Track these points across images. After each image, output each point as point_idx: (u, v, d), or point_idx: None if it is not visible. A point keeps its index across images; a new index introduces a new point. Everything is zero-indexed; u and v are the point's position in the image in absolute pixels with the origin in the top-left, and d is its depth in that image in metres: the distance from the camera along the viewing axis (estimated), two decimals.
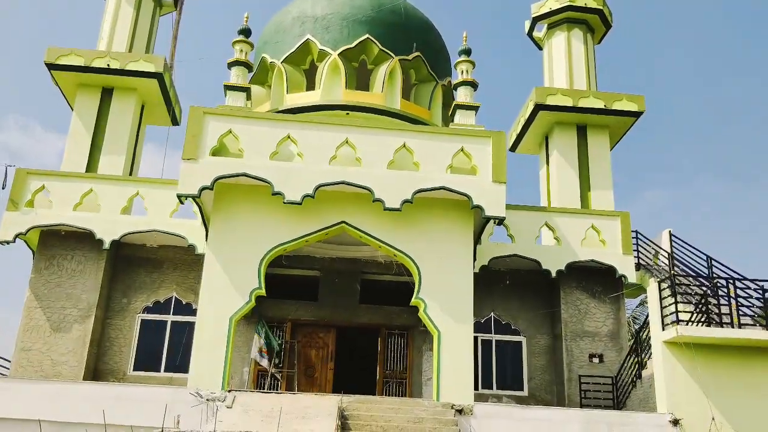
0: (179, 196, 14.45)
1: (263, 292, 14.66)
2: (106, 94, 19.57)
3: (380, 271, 18.76)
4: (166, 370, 17.54)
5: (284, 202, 14.42)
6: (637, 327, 23.59)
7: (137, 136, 19.98)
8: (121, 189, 17.71)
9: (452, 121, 19.47)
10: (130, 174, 19.50)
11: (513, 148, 21.98)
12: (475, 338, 17.44)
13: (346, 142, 15.00)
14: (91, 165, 18.86)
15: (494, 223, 15.31)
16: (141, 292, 18.16)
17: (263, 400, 13.06)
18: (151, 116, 20.85)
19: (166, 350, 17.73)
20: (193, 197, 14.48)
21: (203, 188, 14.37)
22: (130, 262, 18.34)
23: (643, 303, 26.89)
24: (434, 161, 15.00)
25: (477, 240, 16.84)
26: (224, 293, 14.38)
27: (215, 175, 14.40)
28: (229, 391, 13.57)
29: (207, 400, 13.39)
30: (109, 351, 17.68)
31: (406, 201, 14.63)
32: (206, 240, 15.16)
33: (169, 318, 17.98)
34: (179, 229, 17.40)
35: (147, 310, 18.05)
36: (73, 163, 18.69)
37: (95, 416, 12.49)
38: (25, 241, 18.09)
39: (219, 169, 14.48)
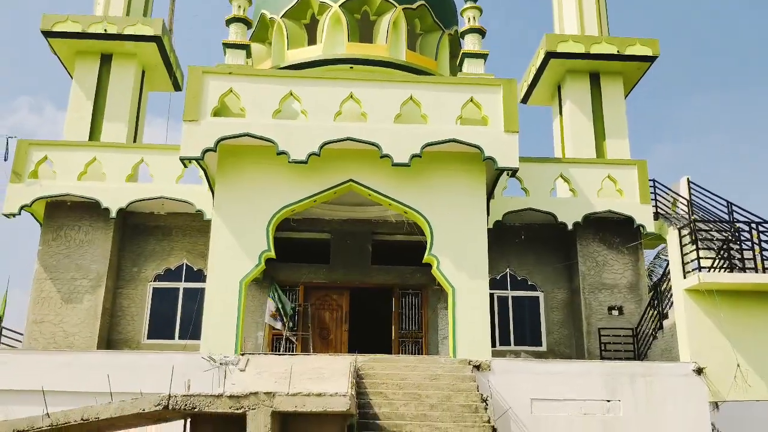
0: (182, 159, 14.11)
1: (272, 254, 14.36)
2: (105, 60, 19.16)
3: (391, 231, 18.42)
4: (180, 338, 17.42)
5: (289, 162, 14.04)
6: (654, 280, 23.13)
7: (139, 102, 19.59)
8: (126, 156, 17.43)
9: (460, 71, 18.83)
10: (134, 142, 19.14)
11: (524, 100, 21.38)
12: (491, 295, 17.13)
13: (351, 97, 14.54)
14: (94, 134, 18.54)
15: (507, 175, 14.86)
16: (151, 261, 17.98)
17: (277, 362, 12.85)
18: (153, 82, 20.43)
19: (179, 317, 17.60)
20: (197, 160, 14.14)
21: (206, 150, 14.01)
22: (139, 230, 18.13)
23: (659, 255, 26.37)
24: (443, 113, 14.52)
25: (490, 194, 16.41)
26: (233, 257, 14.10)
27: (218, 136, 14.02)
28: (242, 355, 13.38)
29: (220, 364, 13.19)
30: (121, 320, 17.56)
31: (414, 156, 14.19)
32: (213, 204, 14.79)
33: (181, 285, 17.81)
34: (186, 195, 17.15)
35: (158, 278, 17.89)
36: (75, 132, 18.38)
37: (106, 385, 12.32)
38: (32, 214, 17.88)
39: (221, 129, 14.10)
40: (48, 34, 18.68)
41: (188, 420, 9.40)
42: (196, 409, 8.33)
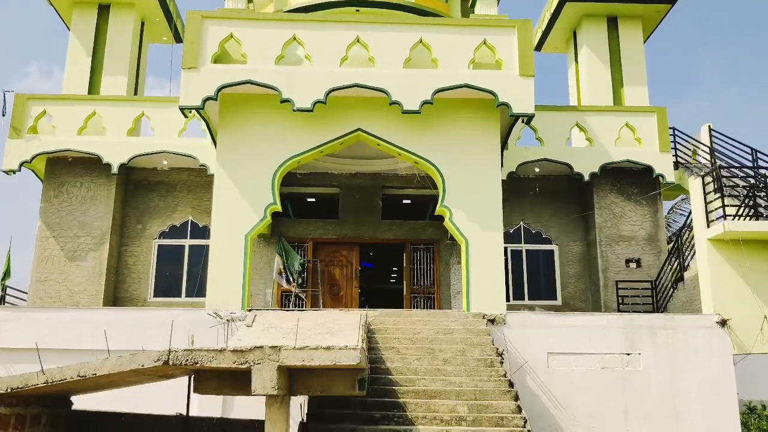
0: (182, 109, 13.43)
1: (278, 207, 13.79)
2: (103, 11, 18.38)
3: (402, 185, 17.87)
4: (187, 295, 17.04)
5: (294, 110, 13.36)
6: (670, 233, 22.47)
7: (139, 55, 18.87)
8: (126, 110, 16.81)
9: (472, 13, 17.90)
10: (135, 95, 18.47)
11: (538, 48, 20.46)
12: (505, 249, 16.43)
13: (357, 41, 13.77)
14: (93, 88, 17.88)
15: (522, 122, 14.13)
16: (156, 217, 17.54)
17: (285, 318, 12.36)
18: (153, 34, 19.67)
19: (185, 275, 17.24)
20: (197, 109, 13.47)
21: (207, 99, 13.34)
22: (143, 186, 17.66)
23: (673, 209, 25.59)
24: (454, 57, 13.74)
25: (504, 144, 15.73)
26: (237, 211, 13.55)
27: (218, 84, 13.34)
28: (249, 311, 12.92)
29: (227, 320, 12.76)
30: (127, 278, 17.17)
31: (425, 102, 13.47)
32: (216, 157, 14.17)
33: (187, 242, 17.40)
34: (189, 149, 16.59)
35: (163, 235, 17.48)
36: (75, 86, 17.71)
37: (111, 343, 11.92)
38: (33, 171, 17.37)
39: (222, 77, 13.41)
40: None
41: (192, 377, 8.95)
42: (197, 365, 7.83)
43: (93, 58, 18.04)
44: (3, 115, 16.37)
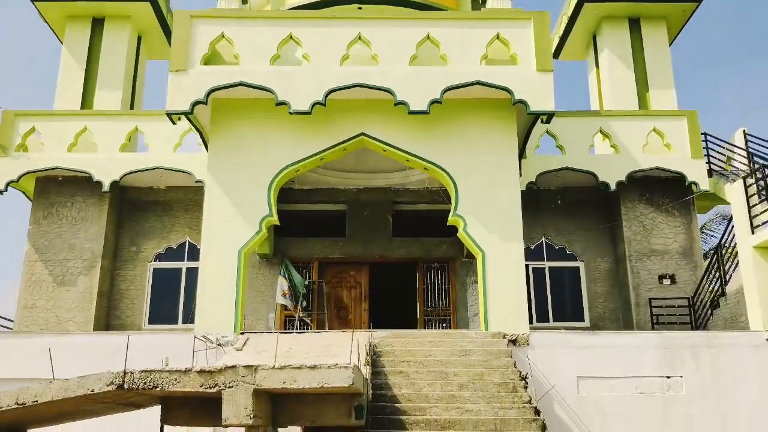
0: (169, 115, 12.32)
1: (275, 219, 12.55)
2: (98, 24, 17.41)
3: (413, 200, 16.60)
4: (184, 321, 15.74)
5: (290, 113, 12.19)
6: (706, 249, 20.86)
7: (135, 70, 17.85)
8: (119, 125, 15.79)
9: (483, 7, 16.64)
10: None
11: (555, 55, 19.16)
12: (526, 267, 15.12)
13: (359, 38, 12.62)
14: (86, 103, 16.83)
15: (542, 121, 12.77)
16: (151, 239, 16.33)
17: (280, 341, 10.99)
18: (151, 49, 18.69)
19: (182, 300, 15.93)
20: (186, 114, 12.33)
21: (196, 102, 12.22)
22: (137, 206, 16.50)
23: (704, 229, 23.95)
24: (465, 53, 12.51)
25: (522, 151, 14.45)
26: (230, 224, 12.32)
27: (209, 87, 12.23)
28: (242, 333, 11.58)
29: (218, 344, 11.41)
30: (120, 304, 15.91)
31: (434, 101, 12.22)
32: (207, 166, 12.98)
33: (184, 265, 16.16)
34: (185, 164, 15.47)
35: (159, 257, 16.26)
36: (67, 101, 16.68)
37: (90, 371, 10.64)
38: (23, 192, 16.32)
39: (212, 79, 12.30)
40: None
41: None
42: (158, 389, 6.46)
43: (86, 73, 17.06)
44: None
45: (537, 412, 9.33)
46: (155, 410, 8.04)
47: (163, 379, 6.48)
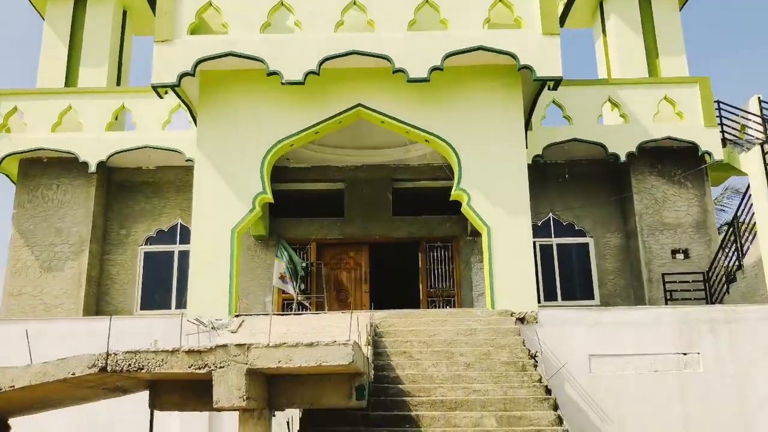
0: (155, 88, 12.00)
1: (269, 197, 12.24)
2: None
3: (415, 176, 16.28)
4: (177, 307, 15.32)
5: (282, 83, 11.83)
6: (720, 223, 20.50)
7: (121, 46, 17.39)
8: (104, 103, 15.41)
9: None
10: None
11: (560, 23, 18.33)
12: (533, 244, 14.73)
13: (354, 3, 12.24)
14: (70, 80, 16.40)
15: (548, 88, 12.39)
16: (141, 222, 15.99)
17: (277, 323, 10.73)
18: (137, 25, 18.19)
19: (175, 284, 15.60)
20: (173, 87, 11.98)
21: (183, 74, 11.88)
22: (126, 188, 16.15)
23: (715, 203, 23.56)
24: (467, 16, 12.13)
25: (527, 122, 14.05)
26: (221, 202, 12.03)
27: (196, 58, 11.88)
28: (237, 316, 11.31)
29: (212, 328, 11.13)
30: (110, 290, 15.61)
31: (434, 68, 11.86)
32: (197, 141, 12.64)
33: (176, 248, 15.82)
34: (174, 142, 15.08)
35: (150, 240, 15.92)
36: (50, 79, 16.24)
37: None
38: (7, 175, 16.00)
39: (200, 49, 11.95)
40: None
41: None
42: (143, 370, 6.15)
43: (70, 50, 16.61)
44: None
45: (548, 391, 9.06)
46: (144, 396, 7.75)
47: (149, 360, 6.17)
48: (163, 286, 15.67)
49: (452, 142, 12.37)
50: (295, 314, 12.15)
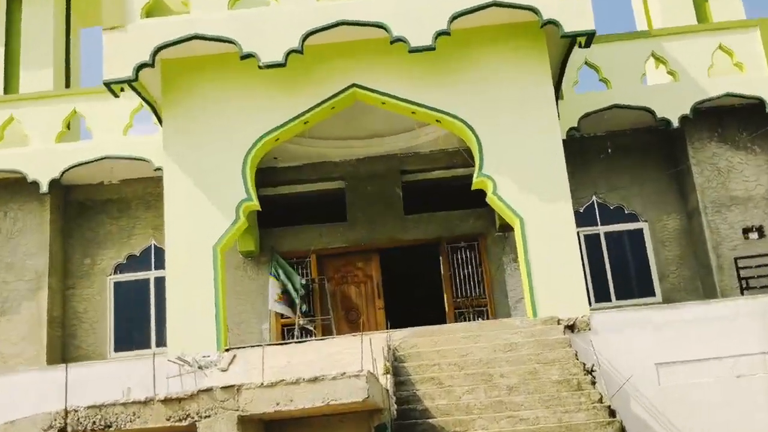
0: (108, 85, 11.82)
1: (256, 204, 12.06)
2: None
3: (427, 166, 16.11)
4: (158, 344, 15.08)
5: (260, 67, 11.61)
6: None
7: (68, 42, 17.21)
8: (52, 109, 15.29)
9: None
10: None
11: None
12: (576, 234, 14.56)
13: None
14: (10, 87, 16.24)
15: (579, 45, 12.07)
16: (108, 247, 15.83)
17: (277, 354, 10.56)
18: (84, 15, 17.94)
19: (154, 318, 15.45)
20: (130, 83, 11.77)
21: (141, 66, 11.69)
22: (87, 209, 16.03)
23: None
24: None
25: (557, 88, 13.83)
26: (199, 215, 11.85)
27: (154, 45, 11.68)
28: (228, 350, 11.07)
29: (198, 367, 10.87)
30: (78, 331, 15.48)
31: (440, 33, 11.62)
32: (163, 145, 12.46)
33: (151, 274, 15.68)
34: (139, 149, 14.95)
35: (120, 268, 15.80)
36: None
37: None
38: None
39: (158, 34, 11.79)
40: None
41: None
42: (112, 428, 5.82)
43: (7, 53, 16.45)
44: None
45: (611, 413, 8.77)
46: None
47: (118, 415, 5.85)
48: (140, 321, 15.52)
49: (469, 120, 12.14)
50: (297, 342, 11.89)
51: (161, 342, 14.93)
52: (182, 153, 12.09)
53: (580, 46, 12.14)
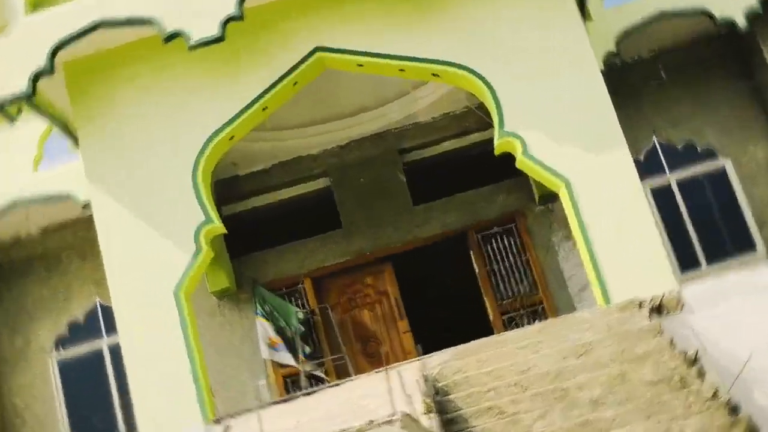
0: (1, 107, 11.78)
1: (220, 226, 12.00)
2: None
3: (431, 138, 16.34)
4: (128, 429, 15.42)
5: (191, 47, 11.47)
6: None
7: None
8: None
9: None
10: None
11: None
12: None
13: None
14: None
15: None
16: (42, 317, 16.14)
17: (282, 415, 10.67)
18: None
19: (116, 396, 15.73)
20: (27, 99, 11.80)
21: (37, 75, 11.54)
22: (5, 274, 16.38)
23: None
24: None
25: (582, 4, 13.70)
26: (147, 254, 11.68)
27: (51, 44, 11.59)
28: (217, 421, 11.02)
29: None
30: (22, 429, 15.75)
31: None
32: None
33: (104, 342, 15.95)
34: (57, 184, 15.16)
35: (62, 342, 16.07)
36: None
37: None
38: None
39: (54, 30, 11.66)
40: None
41: None
42: None
43: None
44: None
45: (733, 409, 8.67)
46: None
47: None
48: (100, 404, 15.79)
49: (476, 67, 12.01)
50: (305, 394, 11.83)
51: (131, 426, 15.19)
52: (111, 177, 12.03)
53: None
